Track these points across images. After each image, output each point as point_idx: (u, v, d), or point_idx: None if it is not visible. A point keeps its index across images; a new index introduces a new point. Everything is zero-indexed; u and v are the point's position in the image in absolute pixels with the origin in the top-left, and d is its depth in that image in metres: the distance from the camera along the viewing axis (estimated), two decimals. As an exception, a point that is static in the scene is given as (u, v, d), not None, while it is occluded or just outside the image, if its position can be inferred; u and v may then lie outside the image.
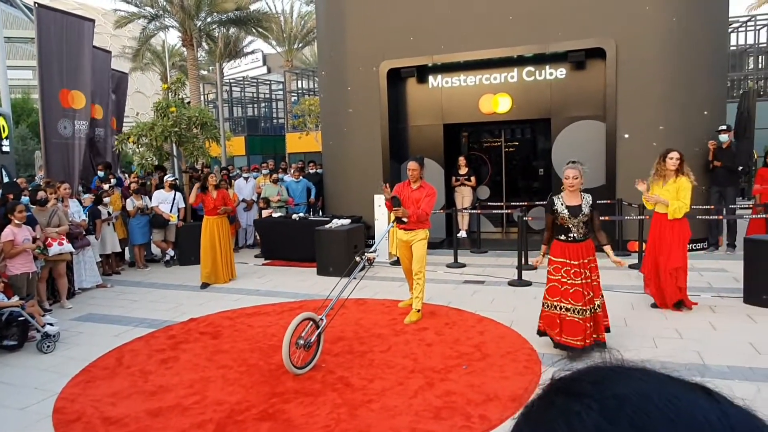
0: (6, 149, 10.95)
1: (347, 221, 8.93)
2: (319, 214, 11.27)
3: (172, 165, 13.47)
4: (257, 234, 10.69)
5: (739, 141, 8.98)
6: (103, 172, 10.04)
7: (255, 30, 25.52)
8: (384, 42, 9.95)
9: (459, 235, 9.97)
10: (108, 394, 4.29)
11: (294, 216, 9.78)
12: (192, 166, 10.98)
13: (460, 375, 4.35)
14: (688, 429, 0.43)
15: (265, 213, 10.18)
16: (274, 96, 28.21)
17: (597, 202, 4.73)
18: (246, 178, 11.44)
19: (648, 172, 5.85)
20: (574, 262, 4.52)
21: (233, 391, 4.24)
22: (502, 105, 9.83)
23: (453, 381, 4.24)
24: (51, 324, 5.53)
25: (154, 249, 10.04)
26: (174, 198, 9.48)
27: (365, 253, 5.28)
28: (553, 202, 4.65)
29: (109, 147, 11.48)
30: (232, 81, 27.09)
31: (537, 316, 4.84)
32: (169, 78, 21.04)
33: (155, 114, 9.94)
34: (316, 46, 16.93)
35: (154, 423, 3.78)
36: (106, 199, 8.63)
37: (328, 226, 8.63)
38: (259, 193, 10.84)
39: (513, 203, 10.05)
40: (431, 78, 10.27)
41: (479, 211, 9.89)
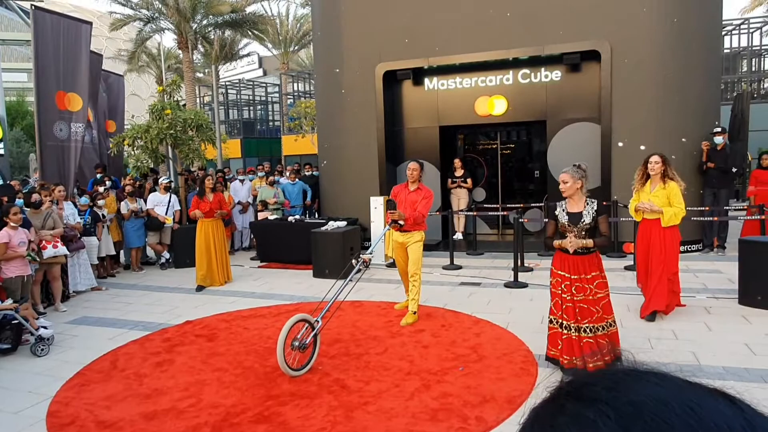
0: (0, 152, 10.91)
1: (343, 223, 8.92)
2: (315, 216, 11.26)
3: (167, 167, 13.43)
4: (253, 236, 10.67)
5: (733, 143, 9.04)
6: (100, 174, 10.01)
7: (251, 32, 25.57)
8: (380, 44, 9.96)
9: (455, 237, 9.99)
10: (102, 397, 4.27)
11: (290, 218, 9.77)
12: (187, 168, 10.95)
13: (456, 377, 4.34)
14: None
15: (261, 216, 10.16)
16: (270, 98, 28.23)
17: None
18: (242, 180, 11.43)
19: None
20: (574, 276, 4.21)
21: (229, 394, 4.23)
22: (497, 107, 9.85)
23: (449, 383, 4.23)
24: (45, 327, 5.50)
25: (149, 251, 10.01)
26: (169, 200, 9.43)
27: (361, 255, 5.28)
28: (555, 207, 4.46)
29: (104, 149, 11.45)
30: (227, 83, 27.08)
31: (533, 317, 4.82)
32: (165, 80, 21.01)
33: (150, 116, 9.90)
34: (312, 48, 16.93)
35: (149, 426, 3.77)
36: (100, 202, 8.60)
37: (324, 228, 8.62)
38: (255, 196, 10.81)
39: (509, 205, 10.06)
40: (427, 80, 10.28)
41: (475, 213, 9.90)
